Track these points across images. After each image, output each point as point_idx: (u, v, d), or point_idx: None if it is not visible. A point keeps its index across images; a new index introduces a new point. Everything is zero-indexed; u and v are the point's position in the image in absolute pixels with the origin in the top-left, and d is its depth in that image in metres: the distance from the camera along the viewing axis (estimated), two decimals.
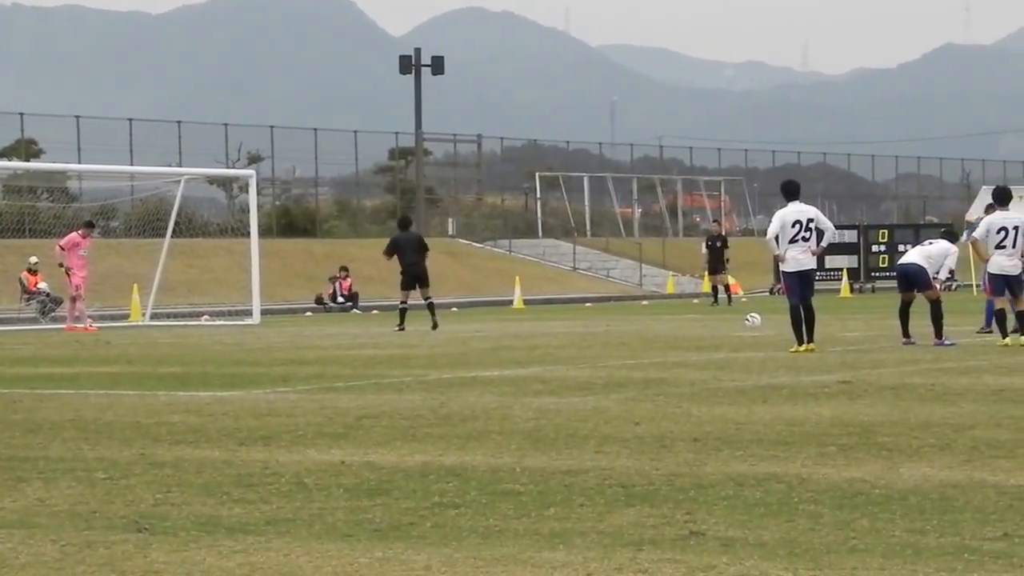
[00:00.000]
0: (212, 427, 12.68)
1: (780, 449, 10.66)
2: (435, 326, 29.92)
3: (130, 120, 59.76)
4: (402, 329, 29.73)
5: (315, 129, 64.56)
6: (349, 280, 48.33)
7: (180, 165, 54.28)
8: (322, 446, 11.31)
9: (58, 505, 8.83)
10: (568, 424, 12.39)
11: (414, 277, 30.88)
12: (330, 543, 7.55)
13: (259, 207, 45.53)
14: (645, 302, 51.42)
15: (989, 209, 23.40)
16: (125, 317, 37.48)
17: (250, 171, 46.24)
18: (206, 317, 38.56)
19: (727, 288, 45.26)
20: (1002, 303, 21.55)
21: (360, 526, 8.02)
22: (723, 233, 47.83)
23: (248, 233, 37.89)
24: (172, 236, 38.59)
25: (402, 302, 31.04)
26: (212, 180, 59.21)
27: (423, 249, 30.99)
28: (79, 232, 34.41)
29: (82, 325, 33.34)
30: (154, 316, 37.40)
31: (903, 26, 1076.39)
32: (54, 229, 42.81)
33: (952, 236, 23.39)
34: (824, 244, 21.47)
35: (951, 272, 23.22)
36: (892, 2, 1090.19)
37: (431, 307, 30.51)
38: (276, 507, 8.63)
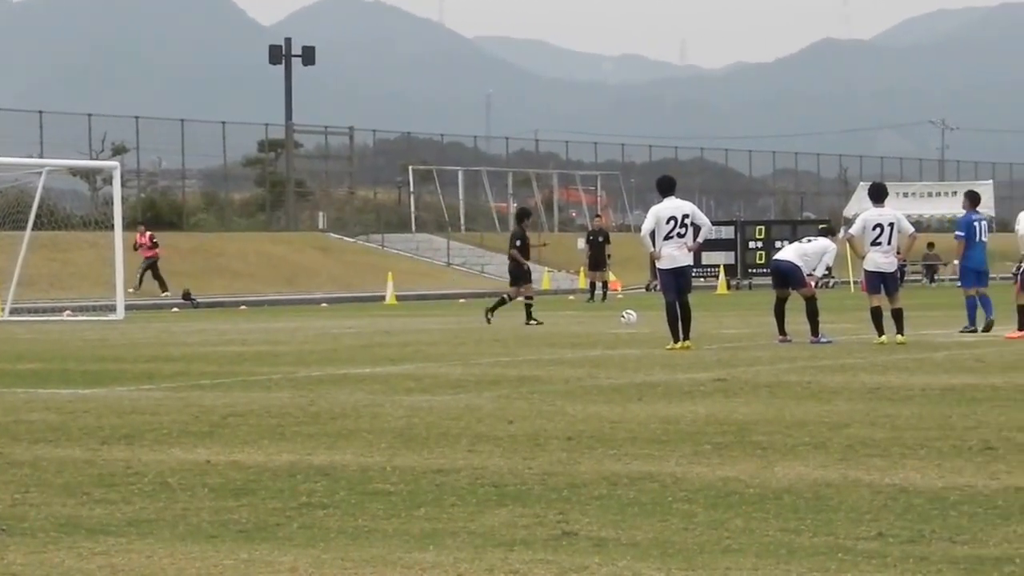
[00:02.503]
0: (73, 425, 12.44)
1: (655, 448, 10.60)
2: (527, 320, 29.12)
3: None
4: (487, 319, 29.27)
5: (182, 120, 63.82)
6: (148, 234, 47.08)
7: (42, 156, 53.45)
8: (187, 445, 11.11)
9: None
10: (440, 422, 12.27)
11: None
12: (194, 544, 7.44)
13: (124, 199, 44.85)
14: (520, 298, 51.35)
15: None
16: None
17: (114, 162, 45.45)
18: (68, 312, 37.94)
19: (605, 285, 45.24)
20: (878, 301, 21.67)
21: (225, 527, 7.90)
22: (604, 228, 47.83)
23: (112, 226, 37.29)
24: (33, 229, 37.95)
25: (518, 297, 29.88)
26: (75, 171, 58.34)
27: (511, 244, 30.01)
28: None
29: None
30: (13, 311, 36.78)
31: (781, 20, 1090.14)
32: None
33: (829, 232, 23.54)
34: (700, 240, 21.49)
35: (828, 269, 23.39)
36: None
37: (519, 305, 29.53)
38: (138, 507, 8.51)
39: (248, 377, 17.19)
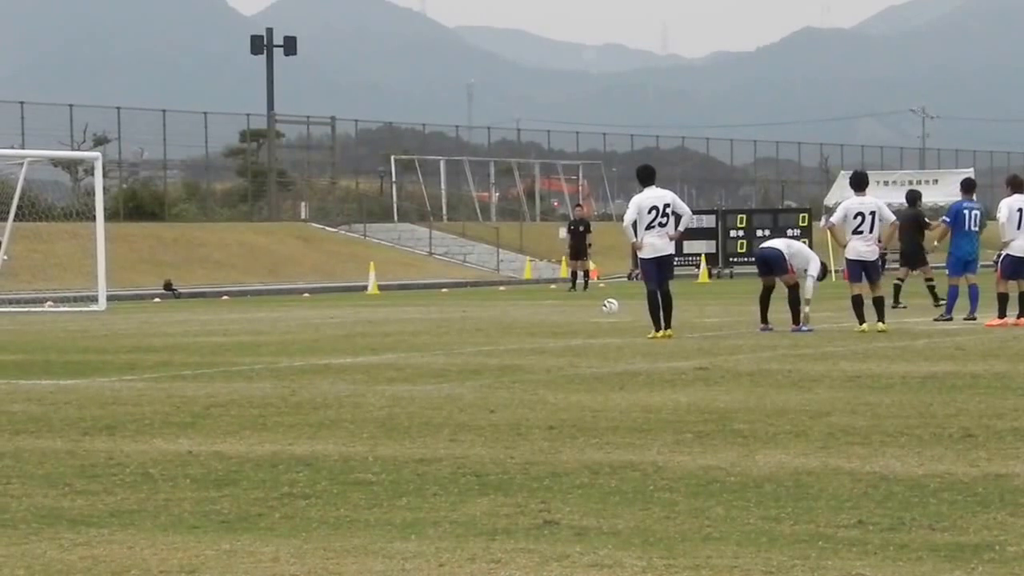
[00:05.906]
0: (55, 416, 12.40)
1: (636, 436, 10.60)
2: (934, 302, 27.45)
3: None
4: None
5: (163, 110, 63.61)
6: None
7: (23, 147, 53.13)
8: (169, 435, 11.08)
9: None
10: (422, 412, 12.25)
11: None
12: (176, 535, 7.43)
13: (105, 190, 44.65)
14: (502, 287, 51.41)
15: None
16: None
17: (96, 153, 45.35)
18: (50, 303, 37.79)
19: (586, 274, 45.29)
20: (859, 289, 21.70)
21: (207, 517, 7.88)
22: (586, 217, 47.87)
23: (94, 217, 37.19)
24: (15, 220, 37.79)
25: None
26: (56, 162, 57.99)
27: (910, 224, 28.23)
28: None
29: None
30: None
31: (762, 9, 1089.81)
32: None
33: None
34: (681, 229, 21.45)
35: (824, 269, 23.29)
36: None
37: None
38: (120, 498, 8.49)
39: (230, 367, 17.16)
